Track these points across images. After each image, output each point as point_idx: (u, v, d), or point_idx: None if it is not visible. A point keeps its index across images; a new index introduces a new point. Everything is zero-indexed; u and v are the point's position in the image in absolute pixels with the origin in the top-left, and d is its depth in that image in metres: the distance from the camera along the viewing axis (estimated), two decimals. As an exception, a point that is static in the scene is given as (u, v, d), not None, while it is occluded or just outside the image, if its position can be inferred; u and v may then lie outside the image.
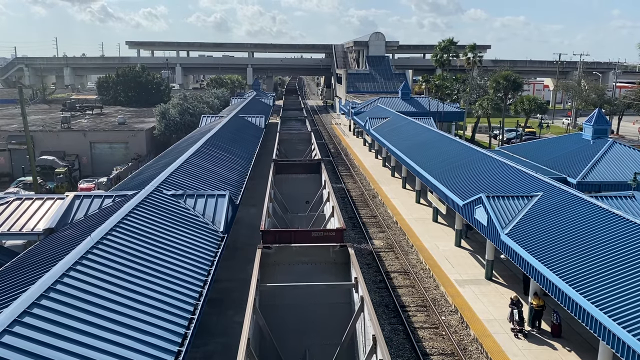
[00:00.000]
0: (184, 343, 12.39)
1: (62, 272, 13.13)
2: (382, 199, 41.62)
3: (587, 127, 39.62)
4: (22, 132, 48.02)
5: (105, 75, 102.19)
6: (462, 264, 28.13)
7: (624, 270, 16.89)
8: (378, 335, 12.41)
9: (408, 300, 24.80)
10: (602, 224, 20.10)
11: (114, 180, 44.32)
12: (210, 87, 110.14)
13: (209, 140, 36.66)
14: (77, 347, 10.84)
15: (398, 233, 34.26)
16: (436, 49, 77.11)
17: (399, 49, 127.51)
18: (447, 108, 70.71)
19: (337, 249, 18.21)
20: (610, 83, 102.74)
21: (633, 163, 33.93)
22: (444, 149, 39.29)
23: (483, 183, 29.20)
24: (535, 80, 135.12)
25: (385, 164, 54.02)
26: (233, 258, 28.74)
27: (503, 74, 66.63)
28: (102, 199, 22.14)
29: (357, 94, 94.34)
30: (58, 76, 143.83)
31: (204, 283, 15.75)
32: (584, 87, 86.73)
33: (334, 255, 18.28)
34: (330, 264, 18.16)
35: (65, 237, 17.87)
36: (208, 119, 56.53)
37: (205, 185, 25.51)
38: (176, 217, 19.83)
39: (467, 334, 21.68)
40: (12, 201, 22.08)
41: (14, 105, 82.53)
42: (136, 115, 74.56)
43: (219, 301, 23.63)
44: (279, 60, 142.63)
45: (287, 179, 31.11)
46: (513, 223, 23.10)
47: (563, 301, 17.53)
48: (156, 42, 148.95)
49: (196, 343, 20.06)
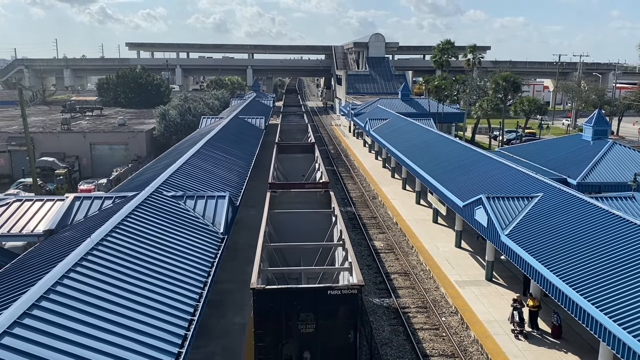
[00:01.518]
0: (184, 344, 12.37)
1: (62, 273, 13.13)
2: (382, 200, 41.61)
3: (587, 128, 39.63)
4: (22, 134, 48.02)
5: (105, 76, 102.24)
6: (462, 265, 28.12)
7: (625, 271, 16.88)
8: (344, 230, 20.30)
9: (408, 302, 24.79)
10: (603, 225, 20.09)
11: (114, 182, 44.29)
12: (210, 89, 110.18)
13: (208, 141, 36.67)
14: (77, 348, 10.83)
15: (398, 234, 34.26)
16: (435, 51, 77.21)
17: (399, 50, 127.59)
18: (447, 109, 70.74)
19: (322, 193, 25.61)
20: (610, 84, 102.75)
21: (633, 164, 33.93)
22: (443, 150, 39.29)
23: (483, 184, 29.20)
24: (535, 81, 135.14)
25: (385, 165, 54.03)
26: (233, 259, 28.72)
27: (503, 75, 66.67)
28: (102, 200, 22.14)
29: (357, 95, 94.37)
30: (58, 77, 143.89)
31: (204, 284, 15.74)
32: (583, 88, 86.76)
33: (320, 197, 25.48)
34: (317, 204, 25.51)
35: (65, 239, 17.86)
36: (208, 120, 56.55)
37: (205, 186, 25.51)
38: (176, 219, 19.83)
39: (468, 335, 21.66)
40: (12, 202, 22.07)
41: (14, 107, 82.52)
42: (136, 117, 74.56)
43: (219, 302, 23.62)
44: (278, 62, 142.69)
45: (288, 157, 37.95)
46: (513, 224, 23.09)
47: (563, 302, 17.52)
48: (156, 43, 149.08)
49: (196, 344, 20.04)
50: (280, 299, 15.65)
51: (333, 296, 15.66)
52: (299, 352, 15.85)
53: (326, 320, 15.76)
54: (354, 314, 15.85)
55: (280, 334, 15.83)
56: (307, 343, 15.88)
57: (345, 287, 16.09)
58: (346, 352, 15.91)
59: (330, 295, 15.67)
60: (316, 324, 15.77)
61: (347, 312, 15.77)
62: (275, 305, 15.68)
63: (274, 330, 15.72)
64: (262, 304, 15.52)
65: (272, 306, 15.66)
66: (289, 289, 16.08)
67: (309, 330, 15.85)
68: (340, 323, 15.82)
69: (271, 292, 15.54)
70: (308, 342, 15.88)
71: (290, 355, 15.88)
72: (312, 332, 15.85)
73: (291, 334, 15.81)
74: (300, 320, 15.79)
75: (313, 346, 15.90)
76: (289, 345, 15.85)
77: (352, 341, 16.00)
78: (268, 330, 15.68)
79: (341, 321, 15.81)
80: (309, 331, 15.86)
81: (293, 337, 15.83)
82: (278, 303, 15.65)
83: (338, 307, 15.74)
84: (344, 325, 15.84)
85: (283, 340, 15.89)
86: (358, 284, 15.83)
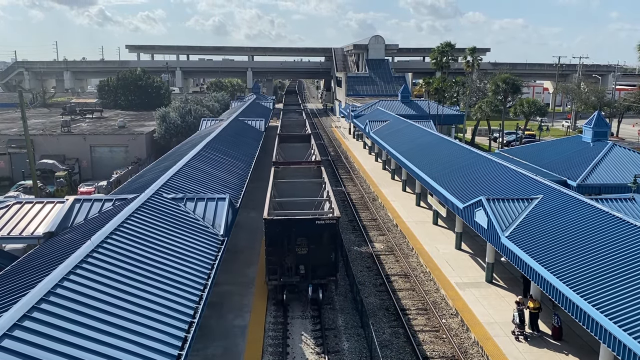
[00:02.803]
0: (184, 347, 12.37)
1: (62, 275, 13.12)
2: (382, 201, 41.60)
3: (586, 129, 39.64)
4: (22, 136, 48.05)
5: (105, 78, 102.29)
6: (463, 267, 28.10)
7: (625, 273, 16.88)
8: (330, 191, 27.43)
9: (408, 304, 24.76)
10: (603, 227, 20.09)
11: (114, 184, 44.29)
12: (210, 91, 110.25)
13: (209, 143, 36.67)
14: (77, 351, 10.83)
15: (398, 236, 34.24)
16: (434, 53, 77.26)
17: (399, 52, 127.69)
18: (446, 111, 70.77)
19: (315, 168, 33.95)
20: (610, 85, 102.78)
21: (633, 165, 33.92)
22: (443, 152, 39.30)
23: (483, 186, 29.20)
24: (535, 83, 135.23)
25: (385, 167, 54.03)
26: (233, 261, 28.71)
27: (502, 77, 66.72)
28: (102, 202, 22.14)
29: (356, 97, 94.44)
30: (58, 80, 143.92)
31: (204, 286, 15.73)
32: (583, 89, 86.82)
33: (313, 171, 33.56)
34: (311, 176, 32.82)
35: (65, 241, 17.86)
36: (208, 123, 56.59)
37: (205, 188, 25.51)
38: (176, 221, 19.82)
39: (468, 337, 21.64)
40: (12, 205, 22.07)
41: (14, 109, 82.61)
42: (136, 119, 74.60)
43: (219, 305, 23.60)
44: (278, 64, 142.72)
45: (288, 146, 44.28)
46: (513, 226, 23.08)
47: (564, 304, 17.50)
48: (156, 45, 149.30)
49: (196, 347, 20.03)
50: (282, 225, 22.87)
51: (319, 225, 22.97)
52: (296, 266, 23.17)
53: (315, 244, 22.96)
54: (334, 238, 23.20)
55: (283, 253, 23.00)
56: (302, 260, 23.14)
57: (327, 217, 23.35)
58: (329, 267, 23.40)
59: (317, 224, 22.96)
60: (308, 247, 22.98)
61: (329, 236, 23.04)
62: (279, 230, 22.84)
63: (279, 250, 22.95)
64: (271, 229, 22.91)
65: (277, 231, 22.84)
66: (289, 217, 23.63)
67: (302, 252, 23.08)
68: (324, 246, 23.08)
69: (277, 220, 23.13)
70: (302, 260, 23.13)
71: (291, 266, 23.16)
72: (305, 253, 23.07)
73: (290, 253, 23.01)
74: (297, 245, 22.98)
75: (306, 263, 23.14)
76: (288, 259, 23.08)
77: (333, 260, 23.42)
78: (275, 251, 22.98)
79: (325, 245, 23.07)
80: (303, 252, 23.08)
81: (292, 256, 23.04)
82: (281, 228, 22.83)
83: (322, 233, 22.96)
84: (327, 247, 23.13)
85: (285, 257, 23.06)
86: (336, 216, 23.53)
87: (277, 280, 23.33)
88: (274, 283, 23.45)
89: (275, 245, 22.84)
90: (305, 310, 23.57)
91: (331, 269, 23.36)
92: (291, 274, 23.20)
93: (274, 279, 23.33)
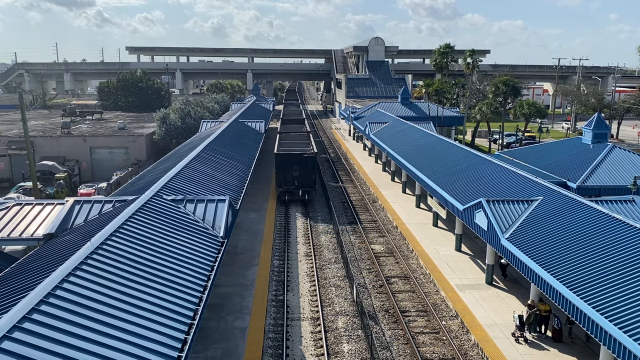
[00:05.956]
0: (184, 348, 12.36)
1: (61, 277, 13.12)
2: (382, 203, 41.59)
3: (586, 131, 39.66)
4: (22, 138, 48.06)
5: (105, 80, 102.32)
6: (463, 269, 28.09)
7: (625, 275, 16.87)
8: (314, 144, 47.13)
9: (408, 305, 24.74)
10: (603, 228, 20.09)
11: (114, 186, 44.29)
12: (210, 92, 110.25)
13: (208, 145, 36.68)
14: (77, 352, 10.82)
15: (398, 238, 34.23)
16: (434, 54, 77.24)
17: (399, 54, 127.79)
18: (446, 112, 70.76)
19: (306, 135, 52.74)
20: (610, 87, 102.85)
21: (633, 167, 33.94)
22: (443, 154, 39.31)
23: (483, 187, 29.20)
24: (535, 85, 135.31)
25: (385, 169, 54.04)
26: (233, 263, 28.71)
27: (502, 79, 66.73)
28: (102, 204, 22.14)
29: (356, 98, 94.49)
30: (58, 81, 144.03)
31: (203, 288, 15.72)
32: (583, 91, 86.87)
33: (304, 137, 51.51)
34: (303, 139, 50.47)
35: (65, 243, 17.85)
36: (208, 124, 56.63)
37: (205, 190, 25.51)
38: (176, 222, 19.82)
39: (468, 339, 21.62)
40: (12, 206, 22.07)
41: (14, 111, 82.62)
42: (136, 121, 74.62)
43: (219, 306, 23.59)
44: (278, 65, 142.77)
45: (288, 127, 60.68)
46: (513, 227, 23.09)
47: (564, 305, 17.50)
48: (156, 47, 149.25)
49: (196, 349, 20.02)
50: (285, 157, 41.09)
51: (305, 157, 41.01)
52: (292, 182, 40.81)
53: (303, 168, 40.66)
54: (314, 165, 41.44)
55: (285, 172, 40.83)
56: (297, 179, 40.85)
57: (310, 152, 42.08)
58: (311, 182, 41.33)
59: (304, 157, 41.00)
60: (299, 171, 40.67)
61: (311, 164, 41.04)
62: (283, 161, 40.89)
63: (283, 171, 40.89)
64: (279, 160, 41.08)
65: (281, 162, 40.88)
66: (289, 153, 41.85)
67: (296, 173, 40.74)
68: (308, 170, 40.91)
69: (282, 154, 41.51)
70: (297, 179, 40.84)
71: (289, 180, 40.81)
72: (298, 175, 40.79)
73: (289, 173, 40.76)
74: (293, 169, 40.57)
75: (299, 181, 40.83)
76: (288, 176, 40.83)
77: (314, 179, 41.56)
78: (280, 171, 41.00)
79: (309, 169, 40.89)
80: (296, 174, 40.77)
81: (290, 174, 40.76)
82: (284, 160, 40.88)
83: (307, 162, 40.81)
84: (310, 171, 41.05)
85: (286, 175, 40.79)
86: (315, 152, 42.75)
87: (282, 188, 41.19)
88: (280, 190, 41.40)
89: (280, 168, 40.82)
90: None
91: (312, 183, 41.62)
92: (289, 185, 40.99)
93: (280, 188, 41.34)
